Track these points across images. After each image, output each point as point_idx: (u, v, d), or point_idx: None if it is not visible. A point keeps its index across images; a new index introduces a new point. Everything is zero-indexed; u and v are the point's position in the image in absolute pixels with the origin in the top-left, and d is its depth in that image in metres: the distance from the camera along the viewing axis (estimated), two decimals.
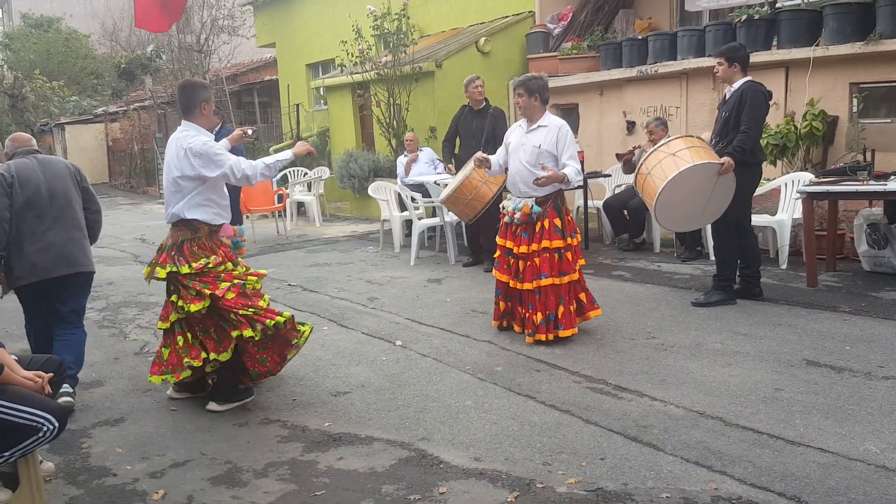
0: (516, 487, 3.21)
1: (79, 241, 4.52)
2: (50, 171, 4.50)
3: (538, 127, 5.19)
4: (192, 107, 4.25)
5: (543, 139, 5.13)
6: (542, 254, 5.02)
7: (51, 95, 25.06)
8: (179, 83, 4.41)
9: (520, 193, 5.18)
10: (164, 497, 3.31)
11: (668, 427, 3.71)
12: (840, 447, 3.40)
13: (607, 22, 10.83)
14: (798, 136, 7.32)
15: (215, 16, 17.72)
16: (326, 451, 3.68)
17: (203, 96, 4.27)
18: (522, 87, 5.15)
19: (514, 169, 5.23)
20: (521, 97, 5.17)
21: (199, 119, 4.27)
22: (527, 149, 5.14)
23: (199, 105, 4.25)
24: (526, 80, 5.20)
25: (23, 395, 3.06)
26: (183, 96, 4.29)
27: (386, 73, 10.95)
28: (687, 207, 5.48)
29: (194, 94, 4.26)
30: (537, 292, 5.06)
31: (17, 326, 6.40)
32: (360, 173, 11.56)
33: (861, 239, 6.49)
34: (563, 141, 5.10)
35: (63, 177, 4.54)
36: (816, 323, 5.23)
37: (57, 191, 4.45)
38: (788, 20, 7.93)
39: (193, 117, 4.26)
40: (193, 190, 4.20)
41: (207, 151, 4.15)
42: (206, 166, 4.15)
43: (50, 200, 4.41)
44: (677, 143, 5.45)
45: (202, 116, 4.28)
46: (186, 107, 4.28)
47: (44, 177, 4.44)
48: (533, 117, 5.21)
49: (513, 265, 5.22)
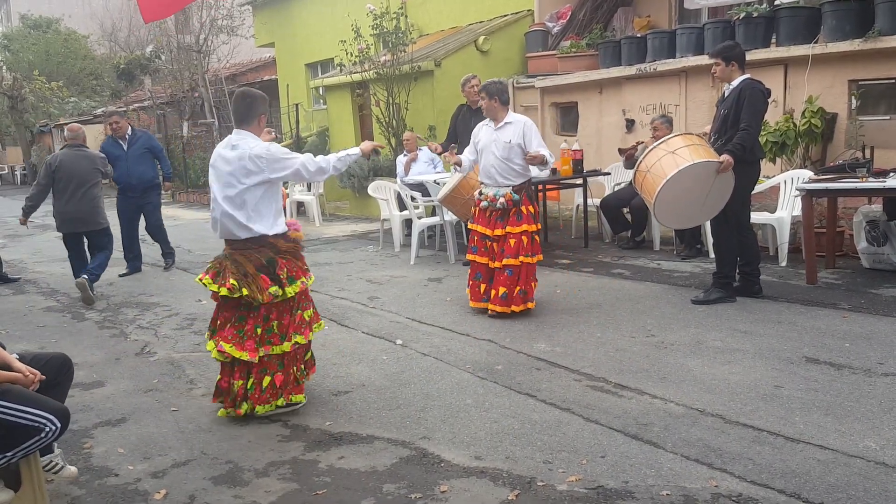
0: (517, 485, 3.22)
1: (90, 209, 7.17)
2: (77, 162, 7.15)
3: (505, 124, 5.79)
4: (251, 118, 4.16)
5: (512, 134, 5.73)
6: (519, 236, 5.67)
7: (50, 96, 25.09)
8: (239, 92, 4.29)
9: (496, 184, 5.78)
10: (166, 497, 3.32)
11: (669, 425, 3.72)
12: (840, 444, 3.40)
13: (606, 20, 10.83)
14: (797, 134, 7.32)
15: (214, 16, 17.73)
16: (328, 451, 3.69)
17: (262, 109, 4.20)
18: (484, 92, 5.82)
19: (489, 163, 5.81)
20: (484, 100, 5.83)
21: (255, 130, 4.17)
22: (499, 144, 5.75)
23: (257, 117, 4.17)
24: (486, 85, 5.83)
25: (25, 395, 3.07)
26: (242, 106, 4.18)
27: (385, 72, 10.96)
28: (686, 205, 5.49)
29: (255, 105, 4.17)
30: (507, 270, 5.67)
31: (17, 328, 6.42)
32: (360, 172, 11.57)
33: (860, 236, 6.50)
34: (529, 134, 5.72)
35: (85, 166, 7.18)
36: (816, 320, 5.24)
37: (76, 175, 7.11)
38: (787, 17, 7.93)
39: (250, 127, 4.16)
40: (259, 199, 4.05)
41: (275, 153, 4.05)
42: (273, 168, 4.03)
43: (73, 182, 7.08)
44: (676, 140, 5.46)
45: (258, 128, 4.19)
46: (244, 117, 4.17)
47: (72, 166, 7.11)
48: (497, 116, 5.83)
49: (490, 247, 5.80)
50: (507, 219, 5.71)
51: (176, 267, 8.84)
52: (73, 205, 7.20)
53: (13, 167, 28.29)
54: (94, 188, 7.31)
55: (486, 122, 5.94)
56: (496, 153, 5.74)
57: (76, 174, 7.21)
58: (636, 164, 5.72)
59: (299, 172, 4.13)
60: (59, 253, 10.24)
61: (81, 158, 7.31)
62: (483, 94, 5.83)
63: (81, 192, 7.22)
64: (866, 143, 7.10)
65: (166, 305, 6.94)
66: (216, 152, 4.17)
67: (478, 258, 5.86)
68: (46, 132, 26.47)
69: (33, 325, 6.50)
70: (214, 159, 4.16)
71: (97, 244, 7.44)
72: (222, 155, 4.11)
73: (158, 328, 6.15)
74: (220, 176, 4.08)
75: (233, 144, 4.09)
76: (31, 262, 9.72)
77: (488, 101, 5.78)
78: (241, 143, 4.07)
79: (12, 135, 28.39)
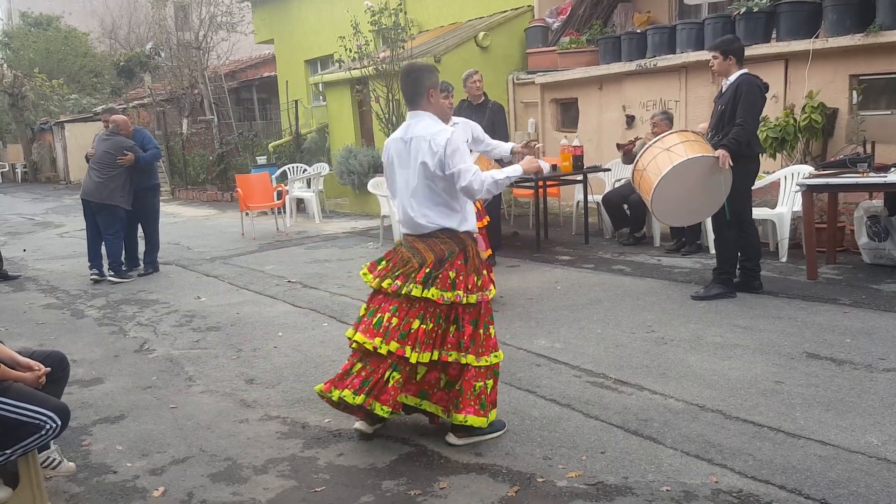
0: (517, 482, 3.21)
1: (100, 183, 7.88)
2: (104, 143, 8.00)
3: (454, 125, 5.71)
4: (420, 94, 3.71)
5: (463, 133, 5.65)
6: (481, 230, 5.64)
7: (50, 94, 25.04)
8: (403, 68, 3.87)
9: None
10: (165, 494, 3.31)
11: (669, 420, 3.71)
12: (841, 440, 3.39)
13: (606, 16, 10.81)
14: (797, 129, 7.31)
15: (213, 12, 17.69)
16: (326, 447, 3.68)
17: (430, 81, 3.74)
18: (447, 91, 5.64)
19: None
20: (446, 99, 5.63)
21: (428, 107, 3.72)
22: None
23: (426, 91, 3.71)
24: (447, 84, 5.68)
25: (25, 392, 3.06)
26: (408, 84, 3.77)
27: (384, 68, 10.93)
28: (684, 202, 5.48)
29: (420, 79, 3.72)
30: None
31: (16, 325, 6.42)
32: (360, 169, 11.54)
33: (861, 231, 6.48)
34: (477, 130, 5.86)
35: (106, 148, 7.95)
36: (817, 315, 5.22)
37: (101, 153, 7.95)
38: (788, 12, 7.91)
39: (422, 105, 3.72)
40: (445, 191, 3.63)
41: (461, 145, 3.64)
42: (452, 160, 3.57)
43: (97, 159, 7.96)
44: (672, 137, 5.45)
45: (431, 104, 3.73)
46: (413, 95, 3.74)
47: (101, 145, 8.01)
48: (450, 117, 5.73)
49: None
50: None
51: (175, 264, 8.82)
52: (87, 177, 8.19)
53: (14, 165, 28.29)
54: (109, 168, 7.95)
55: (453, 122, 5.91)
56: None
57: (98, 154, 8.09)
58: (634, 162, 5.71)
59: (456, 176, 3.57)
60: (58, 250, 10.26)
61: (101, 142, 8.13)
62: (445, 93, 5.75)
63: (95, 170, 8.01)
64: (867, 138, 7.08)
65: (165, 302, 6.93)
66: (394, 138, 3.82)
67: None
68: (47, 130, 26.44)
69: (33, 322, 6.49)
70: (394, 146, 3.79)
71: (101, 223, 8.05)
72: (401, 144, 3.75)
73: (157, 325, 6.14)
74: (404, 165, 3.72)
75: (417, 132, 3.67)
76: (31, 260, 9.71)
77: (452, 101, 5.86)
78: (425, 130, 3.65)
79: (13, 132, 28.38)
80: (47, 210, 16.48)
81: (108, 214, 7.95)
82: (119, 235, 8.07)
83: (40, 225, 13.71)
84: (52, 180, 26.03)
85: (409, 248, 3.70)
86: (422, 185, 3.64)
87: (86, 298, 7.30)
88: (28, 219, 14.83)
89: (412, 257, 3.65)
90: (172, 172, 18.61)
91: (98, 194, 7.90)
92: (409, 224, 3.73)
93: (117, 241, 8.06)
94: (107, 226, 7.98)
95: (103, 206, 7.93)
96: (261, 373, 4.82)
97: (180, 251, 9.72)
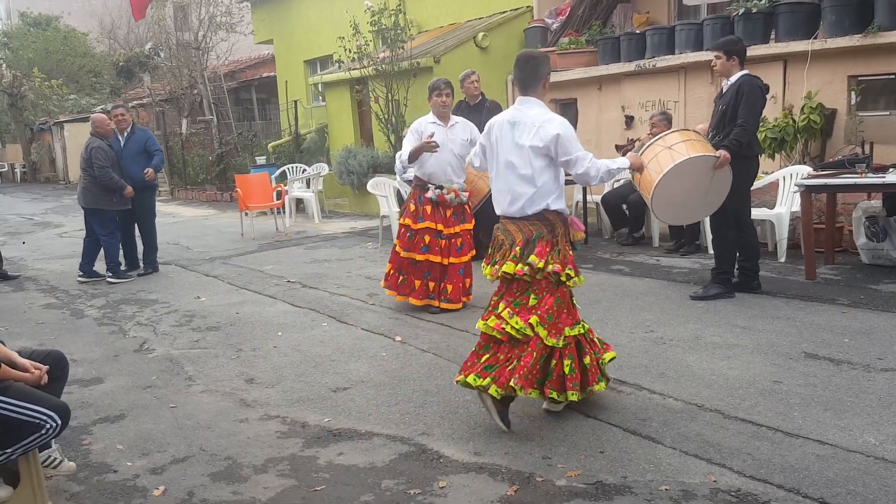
0: (516, 481, 3.22)
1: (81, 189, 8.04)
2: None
3: (454, 124, 6.07)
4: (537, 81, 3.83)
5: (463, 132, 6.03)
6: (467, 234, 5.99)
7: (49, 94, 25.05)
8: (521, 55, 3.95)
9: (451, 181, 5.95)
10: (165, 493, 3.31)
11: (667, 420, 3.72)
12: (839, 439, 3.40)
13: (605, 16, 10.82)
14: (796, 130, 7.32)
15: (213, 13, 17.70)
16: (326, 447, 3.69)
17: (547, 69, 3.88)
18: (450, 89, 6.01)
19: (445, 161, 5.92)
20: (449, 97, 6.00)
21: (540, 94, 3.86)
22: (456, 143, 5.97)
23: (542, 79, 3.83)
24: (448, 83, 6.00)
25: (26, 392, 3.07)
26: (526, 70, 3.85)
27: (384, 68, 10.94)
28: (684, 201, 5.48)
29: (539, 67, 3.83)
30: (461, 268, 5.94)
31: (16, 325, 6.43)
32: (359, 169, 11.56)
33: (860, 231, 6.50)
34: (475, 131, 5.96)
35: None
36: (815, 316, 5.23)
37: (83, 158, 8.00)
38: (786, 13, 7.92)
39: (535, 92, 3.84)
40: (544, 175, 3.78)
41: (573, 132, 3.79)
42: (567, 148, 3.73)
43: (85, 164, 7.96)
44: (673, 136, 5.45)
45: (543, 91, 3.87)
46: (529, 82, 3.84)
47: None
48: (449, 115, 6.10)
49: (443, 245, 5.92)
50: (459, 216, 5.98)
51: (174, 264, 8.83)
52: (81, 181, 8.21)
53: (13, 165, 28.28)
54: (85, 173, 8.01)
55: (433, 120, 6.03)
56: (455, 151, 5.93)
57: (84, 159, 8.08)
58: None
59: (571, 163, 3.77)
60: (58, 250, 10.27)
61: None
62: (448, 89, 6.00)
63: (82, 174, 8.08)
64: (865, 138, 7.10)
65: (165, 302, 6.94)
66: (500, 121, 3.91)
67: (431, 257, 5.88)
68: (46, 130, 26.44)
69: (32, 322, 6.50)
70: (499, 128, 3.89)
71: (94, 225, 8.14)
72: (508, 125, 3.86)
73: (157, 325, 6.15)
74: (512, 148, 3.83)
75: (526, 115, 3.81)
76: (31, 260, 9.72)
77: (452, 100, 6.05)
78: (535, 114, 3.78)
79: (12, 132, 28.38)
80: (46, 210, 16.48)
81: (100, 217, 8.04)
82: (115, 236, 8.08)
83: (39, 225, 13.71)
84: (52, 180, 26.04)
85: (503, 231, 3.91)
86: (524, 169, 3.77)
87: (85, 298, 7.31)
88: (27, 219, 14.84)
89: (504, 239, 3.86)
90: (172, 172, 18.61)
91: (83, 199, 8.06)
92: (506, 205, 3.88)
93: (113, 241, 8.06)
94: (100, 227, 8.02)
95: (94, 210, 8.04)
96: (260, 372, 4.83)
97: (180, 251, 9.73)
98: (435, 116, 6.06)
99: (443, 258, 5.90)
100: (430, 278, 5.94)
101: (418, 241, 5.91)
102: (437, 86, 6.00)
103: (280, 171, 12.97)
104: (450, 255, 5.91)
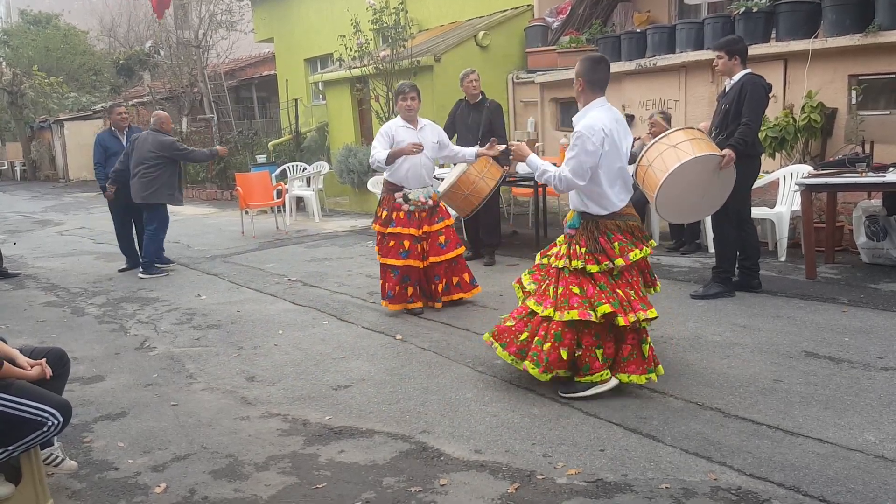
0: (517, 479, 3.22)
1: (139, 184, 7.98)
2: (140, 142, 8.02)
3: (423, 127, 6.03)
4: (606, 84, 4.22)
5: (432, 135, 6.02)
6: (445, 230, 5.97)
7: (49, 92, 25.03)
8: (594, 57, 4.28)
9: (425, 185, 5.96)
10: (166, 490, 3.32)
11: (668, 418, 3.73)
12: (839, 438, 3.41)
13: (606, 15, 10.83)
14: (797, 129, 7.32)
15: (213, 11, 17.69)
16: (327, 445, 3.69)
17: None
18: (416, 93, 5.98)
19: (419, 163, 5.87)
20: (415, 101, 5.95)
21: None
22: (428, 145, 5.91)
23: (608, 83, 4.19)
24: (416, 88, 6.02)
25: (28, 389, 3.08)
26: (601, 72, 4.19)
27: (384, 67, 10.94)
28: (687, 199, 5.48)
29: (609, 72, 4.25)
30: (454, 260, 5.97)
31: (17, 323, 6.43)
32: (360, 168, 11.56)
33: (860, 231, 6.50)
34: (443, 134, 6.17)
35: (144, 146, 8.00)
36: (815, 314, 5.24)
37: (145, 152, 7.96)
38: (787, 12, 7.92)
39: (604, 93, 4.20)
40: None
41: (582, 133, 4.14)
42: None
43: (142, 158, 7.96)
44: (678, 134, 5.44)
45: None
46: (606, 82, 4.23)
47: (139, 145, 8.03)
48: (417, 119, 6.03)
49: (421, 249, 5.89)
50: (434, 215, 5.98)
51: (175, 262, 8.83)
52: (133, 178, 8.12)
53: (13, 163, 28.26)
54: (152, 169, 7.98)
55: (402, 124, 5.96)
56: (426, 153, 5.91)
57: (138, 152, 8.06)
58: (637, 159, 5.71)
59: None
60: (58, 248, 10.28)
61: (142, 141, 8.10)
62: (414, 93, 5.94)
63: (139, 169, 8.00)
64: (866, 137, 7.10)
65: (166, 300, 6.94)
66: (611, 124, 4.14)
67: (412, 262, 5.81)
68: (46, 128, 26.42)
69: (33, 320, 6.50)
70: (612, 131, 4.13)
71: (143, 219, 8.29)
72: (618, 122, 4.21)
73: (158, 323, 6.15)
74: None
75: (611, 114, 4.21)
76: (31, 258, 9.72)
77: (418, 103, 5.98)
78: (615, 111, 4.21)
79: (12, 130, 28.33)
80: (46, 208, 16.47)
81: (156, 211, 8.14)
82: (162, 231, 8.26)
83: (39, 223, 13.71)
84: (52, 178, 26.01)
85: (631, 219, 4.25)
86: (625, 167, 4.14)
87: (86, 296, 7.31)
88: (27, 217, 14.83)
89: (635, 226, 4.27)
90: None
91: (143, 193, 7.99)
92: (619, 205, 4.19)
93: (160, 236, 8.23)
94: (152, 221, 8.14)
95: (152, 206, 8.11)
96: (261, 370, 4.83)
97: (180, 249, 9.73)
98: (403, 120, 5.96)
99: (421, 262, 5.87)
100: (410, 283, 5.87)
101: (398, 248, 5.82)
102: (403, 90, 5.96)
103: (280, 170, 12.97)
104: (430, 254, 5.88)
